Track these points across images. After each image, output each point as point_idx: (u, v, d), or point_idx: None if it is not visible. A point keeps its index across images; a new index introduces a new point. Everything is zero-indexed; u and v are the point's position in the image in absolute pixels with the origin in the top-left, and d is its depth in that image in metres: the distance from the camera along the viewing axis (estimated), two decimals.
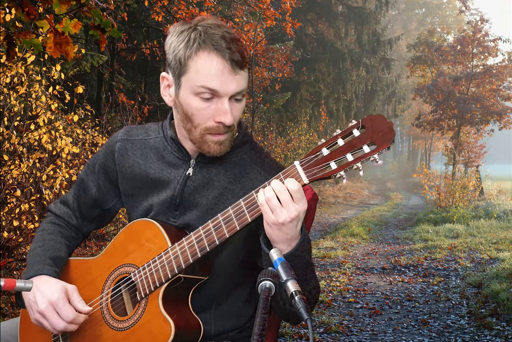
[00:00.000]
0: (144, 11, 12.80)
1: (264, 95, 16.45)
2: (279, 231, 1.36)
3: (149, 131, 1.69)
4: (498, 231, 11.08)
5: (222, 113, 1.45)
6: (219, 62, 1.42)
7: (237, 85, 1.45)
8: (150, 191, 1.62)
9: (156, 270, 1.48)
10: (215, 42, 1.42)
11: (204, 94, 1.45)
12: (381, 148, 1.30)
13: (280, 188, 1.34)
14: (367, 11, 22.61)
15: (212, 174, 1.57)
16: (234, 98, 1.47)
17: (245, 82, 1.48)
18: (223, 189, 1.56)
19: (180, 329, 1.44)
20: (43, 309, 1.50)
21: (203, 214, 1.55)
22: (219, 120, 1.46)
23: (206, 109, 1.46)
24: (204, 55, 1.43)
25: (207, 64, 1.43)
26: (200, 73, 1.43)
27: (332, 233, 11.90)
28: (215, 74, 1.42)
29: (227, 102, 1.45)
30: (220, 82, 1.43)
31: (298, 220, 1.36)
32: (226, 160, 1.58)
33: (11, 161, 5.51)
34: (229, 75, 1.43)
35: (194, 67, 1.44)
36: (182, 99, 1.48)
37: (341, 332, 4.83)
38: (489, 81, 20.88)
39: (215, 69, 1.42)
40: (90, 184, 1.72)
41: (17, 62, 5.65)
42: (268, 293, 1.18)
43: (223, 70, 1.42)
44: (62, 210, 1.76)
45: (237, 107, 1.49)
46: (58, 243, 1.68)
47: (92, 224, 1.78)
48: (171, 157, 1.61)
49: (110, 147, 1.69)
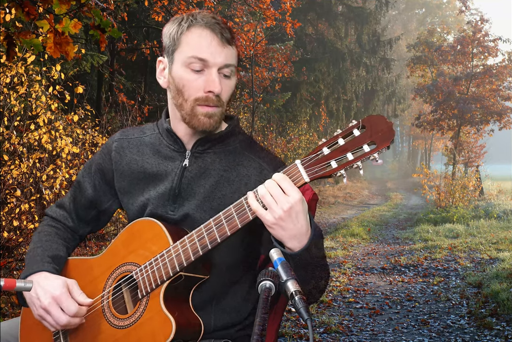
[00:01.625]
0: (144, 11, 12.81)
1: (264, 95, 16.45)
2: (281, 228, 1.36)
3: (145, 130, 1.74)
4: (498, 231, 11.08)
5: (211, 82, 1.51)
6: (208, 34, 1.52)
7: (225, 57, 1.52)
8: (147, 186, 1.65)
9: (158, 268, 1.50)
10: (205, 19, 1.53)
11: (194, 66, 1.52)
12: (381, 147, 1.31)
13: (271, 183, 1.37)
14: (367, 11, 22.62)
15: (207, 163, 1.61)
16: (223, 74, 1.54)
17: (234, 59, 1.56)
18: (219, 177, 1.59)
19: (181, 327, 1.45)
20: (46, 304, 1.52)
21: (201, 202, 1.58)
22: (209, 89, 1.51)
23: (197, 80, 1.53)
24: (195, 29, 1.53)
25: (197, 37, 1.52)
26: (190, 45, 1.52)
27: (332, 233, 11.90)
28: (205, 44, 1.51)
29: (215, 73, 1.52)
30: (209, 52, 1.51)
31: (296, 213, 1.35)
32: (220, 149, 1.62)
33: (11, 161, 5.52)
34: (218, 47, 1.51)
35: (185, 41, 1.53)
36: (174, 73, 1.55)
37: (341, 332, 4.83)
38: (489, 81, 20.89)
39: (205, 40, 1.51)
40: (86, 185, 1.75)
41: (17, 62, 5.65)
42: (268, 293, 1.18)
43: (211, 41, 1.51)
44: (58, 212, 1.79)
45: (226, 83, 1.55)
46: (55, 243, 1.71)
47: (88, 226, 1.81)
48: (166, 150, 1.64)
49: (107, 148, 1.74)
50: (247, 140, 1.68)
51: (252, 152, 1.64)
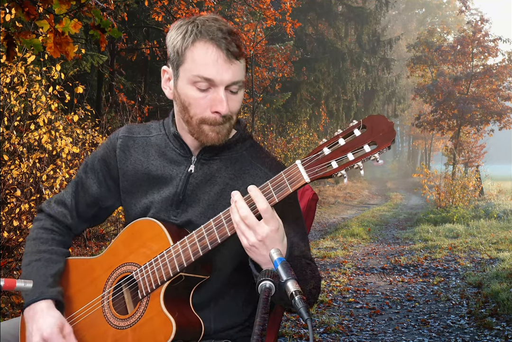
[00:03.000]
0: (144, 11, 12.81)
1: (264, 95, 16.45)
2: (254, 253, 1.38)
3: (150, 129, 1.70)
4: (498, 231, 11.08)
5: (218, 102, 1.46)
6: (214, 51, 1.44)
7: (232, 75, 1.46)
8: (150, 188, 1.62)
9: (158, 269, 1.49)
10: (211, 33, 1.45)
11: (200, 84, 1.46)
12: (382, 147, 1.30)
13: (245, 213, 1.36)
14: (367, 11, 22.62)
15: (213, 170, 1.59)
16: (230, 90, 1.48)
17: (241, 74, 1.49)
18: (225, 185, 1.57)
19: (181, 327, 1.44)
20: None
21: (204, 210, 1.56)
22: (215, 110, 1.47)
23: (203, 99, 1.48)
24: (200, 45, 1.45)
25: (203, 54, 1.45)
26: (196, 62, 1.46)
27: (332, 233, 11.90)
28: (211, 63, 1.44)
29: (222, 92, 1.46)
30: (215, 71, 1.44)
31: (271, 240, 1.36)
32: (226, 156, 1.60)
33: (11, 161, 5.51)
34: (224, 64, 1.44)
35: (191, 57, 1.46)
36: (180, 90, 1.50)
37: (341, 332, 4.83)
38: (489, 81, 20.89)
39: (210, 58, 1.44)
40: (90, 181, 1.70)
41: (17, 62, 5.65)
42: (268, 293, 1.18)
43: (217, 59, 1.44)
44: (57, 209, 1.73)
45: (233, 98, 1.50)
46: (55, 254, 1.67)
47: (86, 223, 1.77)
48: (172, 154, 1.62)
49: (112, 144, 1.69)
50: (254, 146, 1.65)
51: (258, 160, 1.61)
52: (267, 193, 1.39)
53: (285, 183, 1.38)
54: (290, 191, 1.37)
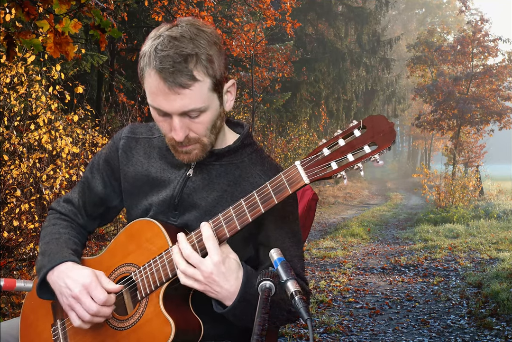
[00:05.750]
0: (144, 11, 12.80)
1: (264, 95, 16.44)
2: (211, 293, 1.41)
3: (153, 130, 1.70)
4: (498, 231, 11.08)
5: (173, 130, 1.46)
6: (160, 82, 1.39)
7: (182, 104, 1.41)
8: (150, 190, 1.62)
9: (157, 270, 1.49)
10: (159, 62, 1.38)
11: (157, 111, 1.47)
12: (382, 148, 1.29)
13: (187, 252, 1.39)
14: (367, 11, 22.61)
15: (212, 175, 1.57)
16: (188, 115, 1.45)
17: (197, 100, 1.41)
18: (223, 192, 1.56)
19: (181, 328, 1.44)
20: (77, 292, 1.48)
21: (201, 215, 1.55)
22: (172, 137, 1.48)
23: (164, 122, 1.48)
24: (149, 74, 1.42)
25: (151, 83, 1.42)
26: (148, 90, 1.45)
27: (332, 233, 11.91)
28: (157, 93, 1.42)
29: (176, 120, 1.44)
30: (164, 102, 1.42)
31: (220, 273, 1.37)
32: (227, 162, 1.58)
33: (11, 161, 5.51)
34: (170, 95, 1.40)
35: (146, 84, 1.45)
36: (149, 108, 1.51)
37: (341, 332, 4.83)
38: (489, 81, 20.90)
39: (156, 88, 1.41)
40: (96, 181, 1.71)
41: (17, 62, 5.64)
42: (268, 293, 1.18)
43: (163, 89, 1.40)
44: (67, 208, 1.74)
45: (196, 122, 1.46)
46: (73, 237, 1.67)
47: (95, 221, 1.77)
48: (173, 157, 1.60)
49: (115, 144, 1.70)
50: (255, 152, 1.63)
51: (259, 168, 1.59)
52: (266, 194, 1.38)
53: (284, 184, 1.36)
54: (290, 192, 1.36)
